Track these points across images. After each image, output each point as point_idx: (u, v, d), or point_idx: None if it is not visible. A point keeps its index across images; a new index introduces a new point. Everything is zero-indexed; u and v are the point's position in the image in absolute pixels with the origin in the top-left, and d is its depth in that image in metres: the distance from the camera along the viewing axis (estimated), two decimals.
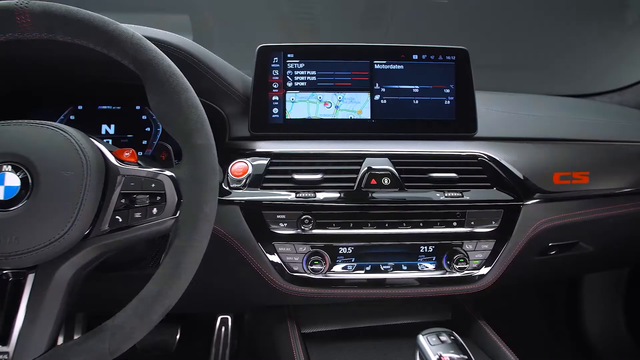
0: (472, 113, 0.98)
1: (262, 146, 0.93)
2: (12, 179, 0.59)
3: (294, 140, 0.94)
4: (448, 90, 0.99)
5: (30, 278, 0.61)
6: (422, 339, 0.63)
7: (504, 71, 1.54)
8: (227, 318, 1.42)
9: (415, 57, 0.99)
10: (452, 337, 0.63)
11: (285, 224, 0.86)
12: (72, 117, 1.01)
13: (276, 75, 0.97)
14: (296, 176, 0.89)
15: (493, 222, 0.90)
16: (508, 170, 0.93)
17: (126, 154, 0.67)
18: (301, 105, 0.98)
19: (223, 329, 1.42)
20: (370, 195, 0.88)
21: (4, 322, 0.60)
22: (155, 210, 0.63)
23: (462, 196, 0.89)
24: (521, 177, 0.92)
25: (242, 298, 1.03)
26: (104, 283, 0.82)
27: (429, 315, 1.01)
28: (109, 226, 0.63)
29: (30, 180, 0.59)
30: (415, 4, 1.50)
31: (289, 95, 0.97)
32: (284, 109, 0.97)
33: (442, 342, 0.62)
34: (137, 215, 0.63)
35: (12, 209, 0.58)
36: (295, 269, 0.86)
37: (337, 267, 0.88)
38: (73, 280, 0.63)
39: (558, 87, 1.50)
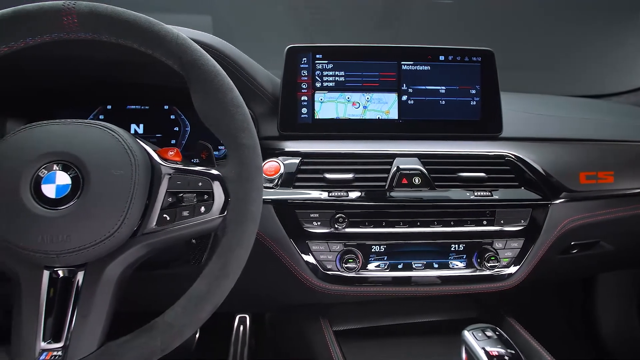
0: (498, 113, 0.99)
1: (291, 146, 0.93)
2: (63, 178, 0.60)
3: (322, 140, 0.95)
4: (474, 91, 1.00)
5: (80, 276, 0.61)
6: (467, 334, 0.64)
7: (511, 71, 1.56)
8: (246, 317, 1.43)
9: (441, 58, 1.00)
10: (497, 333, 0.64)
11: (319, 223, 0.87)
12: (101, 117, 1.01)
13: (305, 76, 0.98)
14: (328, 175, 0.90)
15: (522, 221, 0.91)
16: (535, 170, 0.94)
17: (170, 153, 0.68)
18: (330, 106, 0.99)
19: (241, 328, 1.43)
20: (401, 194, 0.90)
21: (55, 319, 0.61)
22: (203, 209, 0.63)
23: (492, 195, 0.91)
24: (548, 176, 0.94)
25: (273, 297, 1.04)
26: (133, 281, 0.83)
27: (454, 313, 1.03)
28: (157, 224, 0.63)
29: (80, 179, 0.60)
30: (428, 5, 1.51)
31: (318, 96, 0.98)
32: (313, 109, 0.98)
33: (488, 337, 0.63)
34: (185, 213, 0.63)
35: (64, 207, 0.58)
36: (329, 267, 0.87)
37: (370, 266, 0.89)
38: (121, 278, 0.64)
39: (569, 87, 1.52)
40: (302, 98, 0.98)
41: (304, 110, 0.98)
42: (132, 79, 0.96)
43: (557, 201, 0.94)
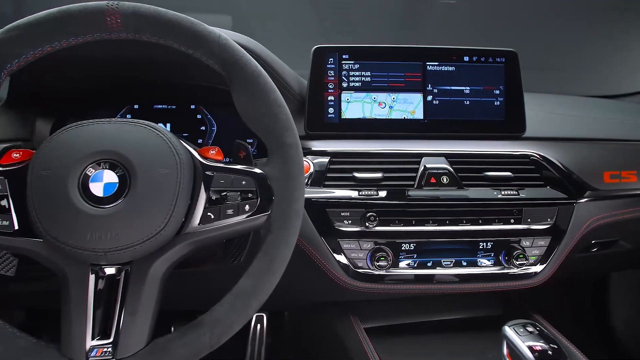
0: (521, 113, 1.01)
1: (319, 145, 0.94)
2: (110, 176, 0.60)
3: (349, 140, 0.96)
4: (498, 91, 1.02)
5: (125, 273, 0.62)
6: (509, 330, 0.65)
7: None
8: (263, 316, 1.43)
9: (466, 58, 1.02)
10: (537, 328, 0.65)
11: (350, 221, 0.88)
12: (128, 116, 1.02)
13: (331, 76, 0.99)
14: (357, 174, 0.91)
15: (548, 219, 0.93)
16: (560, 169, 0.95)
17: (212, 151, 0.68)
18: (356, 105, 1.00)
19: (259, 326, 1.43)
20: (430, 193, 0.91)
21: (102, 317, 0.61)
22: (247, 207, 0.64)
23: (518, 194, 0.92)
24: (573, 175, 0.95)
25: (299, 295, 1.04)
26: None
27: (478, 311, 1.04)
28: (201, 222, 0.63)
29: (127, 178, 0.60)
30: (445, 7, 1.53)
31: (344, 96, 0.99)
32: (340, 109, 0.99)
33: (530, 332, 0.64)
34: (229, 211, 0.64)
35: (111, 205, 0.59)
36: (360, 265, 0.88)
37: (401, 263, 0.90)
38: (165, 276, 0.64)
39: (579, 88, 1.53)
40: (329, 98, 0.99)
41: (331, 110, 0.99)
42: (160, 78, 0.97)
43: (582, 200, 0.95)
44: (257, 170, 0.66)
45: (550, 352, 0.59)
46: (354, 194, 0.89)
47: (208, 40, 0.65)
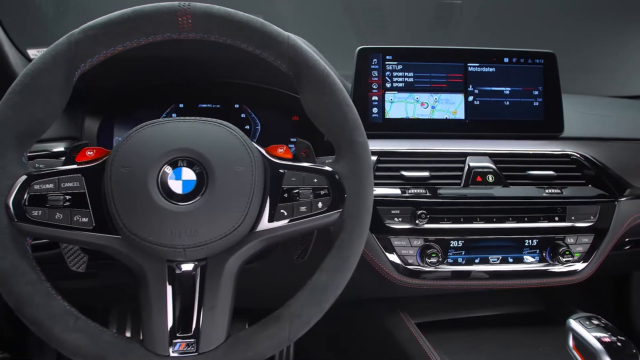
0: (560, 113, 1.03)
1: None
2: (189, 174, 0.61)
3: (393, 139, 0.98)
4: (537, 92, 1.04)
5: (201, 270, 0.63)
6: (574, 323, 0.66)
7: None
8: None
9: (506, 60, 1.04)
10: (602, 321, 0.66)
11: (400, 219, 0.90)
12: (173, 115, 1.03)
13: (375, 76, 1.01)
14: (405, 173, 0.92)
15: (591, 217, 0.95)
16: (600, 168, 0.98)
17: (280, 150, 0.69)
18: (399, 106, 1.01)
19: None
20: (477, 191, 0.93)
21: (182, 312, 0.62)
22: (320, 204, 0.65)
23: (562, 192, 0.94)
24: (613, 174, 0.98)
25: (349, 291, 1.05)
26: None
27: (520, 307, 1.06)
28: (275, 220, 0.65)
29: (205, 175, 0.61)
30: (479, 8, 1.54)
31: (388, 96, 1.01)
32: (383, 109, 1.01)
33: (596, 325, 0.65)
34: (303, 209, 0.65)
35: (190, 202, 0.60)
36: (410, 261, 0.89)
37: (449, 260, 0.91)
38: (239, 272, 0.66)
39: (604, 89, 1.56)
40: (373, 98, 1.01)
41: (375, 110, 1.01)
42: (204, 77, 0.98)
43: (623, 198, 0.98)
44: (328, 168, 0.67)
45: (619, 344, 0.61)
46: (401, 192, 0.91)
47: (277, 41, 0.66)
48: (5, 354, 1.25)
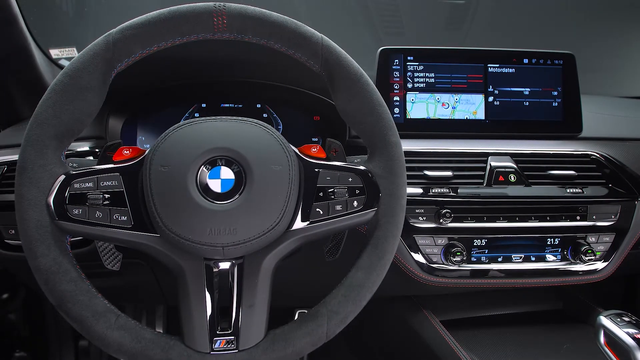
0: (579, 114, 1.05)
1: None
2: (227, 173, 0.62)
3: (414, 139, 0.99)
4: (556, 93, 1.05)
5: (238, 268, 0.64)
6: (605, 320, 0.67)
7: None
8: (304, 312, 1.44)
9: (525, 61, 1.05)
10: (633, 318, 0.67)
11: (424, 218, 0.91)
12: (196, 115, 1.03)
13: (397, 77, 1.02)
14: (428, 173, 0.93)
15: (612, 217, 0.96)
16: (620, 167, 0.99)
17: (314, 149, 0.70)
18: (420, 106, 1.02)
19: None
20: (499, 191, 0.94)
21: (220, 309, 0.63)
22: (355, 203, 0.66)
23: (583, 192, 0.95)
24: (633, 173, 0.99)
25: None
26: None
27: (540, 305, 1.07)
28: (311, 218, 0.65)
29: (243, 174, 0.62)
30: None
31: (409, 96, 1.02)
32: (405, 109, 1.02)
33: (627, 322, 0.66)
34: (338, 207, 0.66)
35: (229, 201, 0.60)
36: (434, 260, 0.90)
37: (473, 259, 0.92)
38: (275, 270, 0.66)
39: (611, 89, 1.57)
40: (395, 98, 1.02)
41: (396, 110, 1.01)
42: (226, 77, 0.99)
43: None
44: (362, 167, 0.68)
45: None
46: (424, 191, 0.92)
47: (312, 41, 0.67)
48: (22, 353, 1.26)
